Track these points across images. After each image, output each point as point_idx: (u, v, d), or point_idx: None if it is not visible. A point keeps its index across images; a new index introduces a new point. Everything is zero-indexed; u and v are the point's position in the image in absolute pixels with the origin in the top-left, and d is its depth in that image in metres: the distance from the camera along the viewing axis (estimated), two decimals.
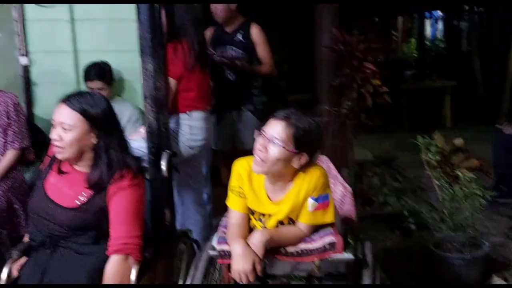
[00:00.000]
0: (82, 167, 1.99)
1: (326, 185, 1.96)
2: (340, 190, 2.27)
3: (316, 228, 1.98)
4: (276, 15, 6.83)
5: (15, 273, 1.92)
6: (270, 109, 3.66)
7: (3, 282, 1.88)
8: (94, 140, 1.94)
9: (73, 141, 1.91)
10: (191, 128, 2.75)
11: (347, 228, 2.08)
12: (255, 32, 3.50)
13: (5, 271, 1.89)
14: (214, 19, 3.54)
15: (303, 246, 1.95)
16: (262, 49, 3.51)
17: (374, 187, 3.91)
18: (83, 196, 1.96)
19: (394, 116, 6.68)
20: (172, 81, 2.59)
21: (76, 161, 1.99)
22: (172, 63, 2.47)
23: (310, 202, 1.91)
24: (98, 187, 1.95)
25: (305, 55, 6.13)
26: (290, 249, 1.95)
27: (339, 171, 2.34)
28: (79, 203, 1.95)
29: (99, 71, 3.16)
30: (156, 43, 2.20)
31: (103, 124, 1.95)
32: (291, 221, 1.97)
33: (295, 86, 6.05)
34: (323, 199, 1.93)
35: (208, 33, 3.53)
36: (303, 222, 1.95)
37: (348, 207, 2.25)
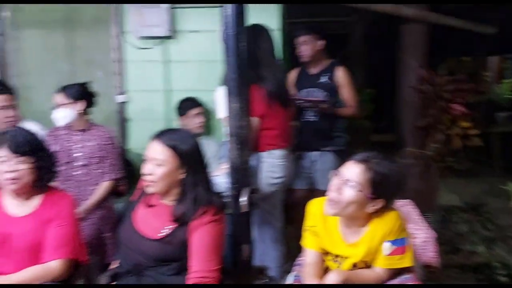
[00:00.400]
0: (169, 201, 2.07)
1: (402, 229, 1.90)
2: (423, 235, 2.19)
3: (395, 274, 1.91)
4: (362, 56, 6.84)
5: None
6: (352, 150, 3.64)
7: None
8: (182, 176, 2.02)
9: (163, 176, 1.99)
10: (272, 165, 2.80)
11: (429, 276, 2.00)
12: (340, 74, 3.51)
13: None
14: (299, 60, 3.61)
15: None
16: (347, 91, 3.51)
17: (462, 234, 3.71)
18: (167, 228, 2.03)
19: (484, 159, 6.34)
20: (255, 120, 2.66)
21: (164, 195, 2.07)
22: (255, 102, 2.55)
23: (386, 245, 1.86)
24: (182, 221, 2.02)
25: (390, 95, 6.05)
26: None
27: (424, 216, 2.26)
28: (163, 235, 2.02)
29: (197, 100, 3.39)
30: (241, 83, 2.28)
31: (191, 161, 2.03)
32: (366, 265, 1.93)
33: (379, 126, 5.97)
34: (400, 243, 1.87)
35: (293, 74, 3.60)
36: (380, 267, 1.90)
37: (430, 253, 2.16)
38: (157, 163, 1.99)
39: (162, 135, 2.04)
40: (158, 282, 2.00)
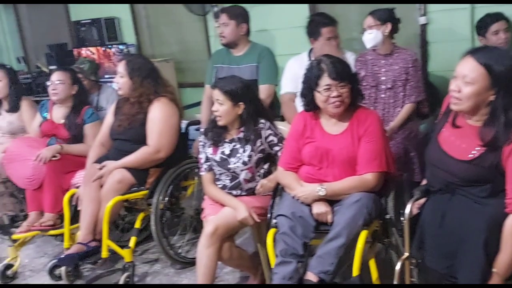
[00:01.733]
0: (476, 122, 1.99)
1: None
2: None
3: None
4: None
5: (415, 211, 2.13)
6: None
7: (407, 216, 2.08)
8: (492, 98, 1.91)
9: (471, 95, 1.90)
10: None
11: None
12: None
13: (408, 206, 2.10)
14: None
15: None
16: None
17: None
18: (476, 151, 1.97)
19: None
20: None
21: (470, 115, 2.00)
22: None
23: None
24: (492, 144, 1.93)
25: None
26: None
27: None
28: (471, 157, 1.97)
29: (498, 15, 3.13)
30: None
31: (505, 82, 1.88)
32: None
33: None
34: None
35: None
36: None
37: None
38: (466, 81, 1.90)
39: (476, 51, 1.94)
40: (470, 202, 1.98)
